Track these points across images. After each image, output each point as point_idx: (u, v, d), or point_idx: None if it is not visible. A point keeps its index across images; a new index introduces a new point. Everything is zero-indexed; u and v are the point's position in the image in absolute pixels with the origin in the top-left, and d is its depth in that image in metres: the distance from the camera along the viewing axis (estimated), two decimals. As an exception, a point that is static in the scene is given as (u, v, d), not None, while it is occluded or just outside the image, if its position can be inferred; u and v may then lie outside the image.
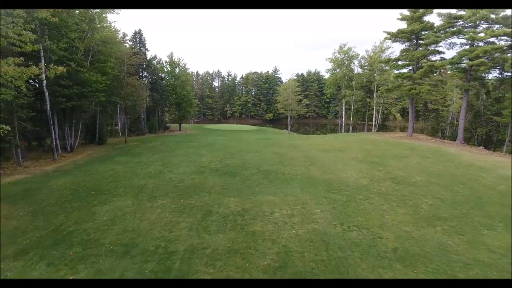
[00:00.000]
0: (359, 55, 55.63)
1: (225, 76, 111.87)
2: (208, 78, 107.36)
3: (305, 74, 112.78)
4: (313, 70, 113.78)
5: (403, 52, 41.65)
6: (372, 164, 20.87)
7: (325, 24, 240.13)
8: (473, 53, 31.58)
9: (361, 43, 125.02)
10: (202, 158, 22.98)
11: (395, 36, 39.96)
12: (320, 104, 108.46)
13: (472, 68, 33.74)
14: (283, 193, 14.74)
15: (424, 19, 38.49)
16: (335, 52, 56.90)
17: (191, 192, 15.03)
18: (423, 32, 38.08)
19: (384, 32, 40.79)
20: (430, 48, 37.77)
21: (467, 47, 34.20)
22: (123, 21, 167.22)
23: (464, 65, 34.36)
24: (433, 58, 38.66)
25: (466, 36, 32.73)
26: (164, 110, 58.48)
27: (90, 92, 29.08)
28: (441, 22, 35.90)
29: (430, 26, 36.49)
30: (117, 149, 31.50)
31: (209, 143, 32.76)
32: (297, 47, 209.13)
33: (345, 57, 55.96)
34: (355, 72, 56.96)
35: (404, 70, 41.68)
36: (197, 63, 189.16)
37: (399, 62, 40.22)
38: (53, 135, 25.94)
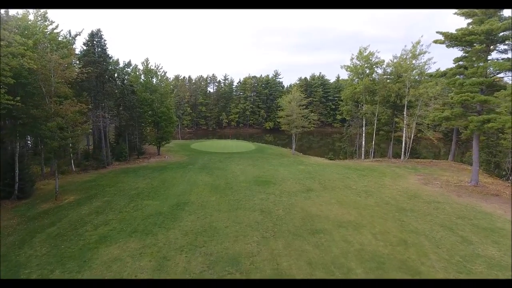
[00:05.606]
0: (383, 61, 41.36)
1: (221, 81, 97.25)
2: (202, 83, 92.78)
3: (308, 78, 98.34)
4: (317, 74, 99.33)
5: (461, 61, 27.80)
6: None
7: (327, 25, 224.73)
8: None
9: (367, 43, 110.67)
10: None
11: (454, 39, 25.74)
12: (325, 112, 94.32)
13: None
14: None
15: (502, 14, 24.56)
16: (353, 58, 42.57)
17: None
18: (501, 34, 24.02)
19: (437, 33, 26.47)
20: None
21: None
22: (113, 22, 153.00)
23: None
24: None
25: None
26: (142, 130, 44.47)
27: None
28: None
29: (522, 23, 22.28)
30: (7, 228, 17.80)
31: (176, 204, 20.12)
32: (298, 48, 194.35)
33: (366, 65, 41.73)
34: (378, 83, 42.61)
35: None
36: (189, 67, 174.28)
37: (461, 77, 26.14)
38: None
